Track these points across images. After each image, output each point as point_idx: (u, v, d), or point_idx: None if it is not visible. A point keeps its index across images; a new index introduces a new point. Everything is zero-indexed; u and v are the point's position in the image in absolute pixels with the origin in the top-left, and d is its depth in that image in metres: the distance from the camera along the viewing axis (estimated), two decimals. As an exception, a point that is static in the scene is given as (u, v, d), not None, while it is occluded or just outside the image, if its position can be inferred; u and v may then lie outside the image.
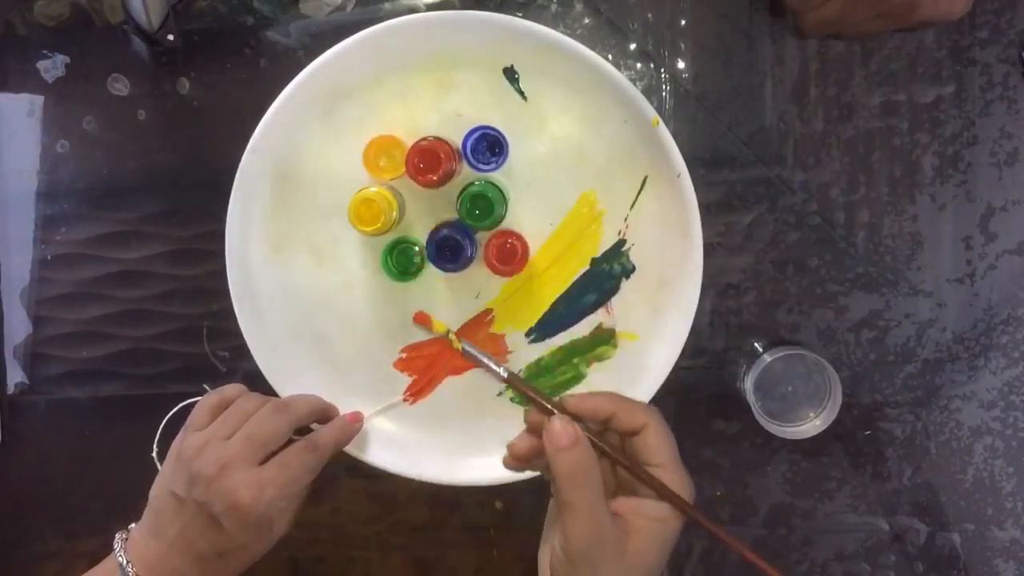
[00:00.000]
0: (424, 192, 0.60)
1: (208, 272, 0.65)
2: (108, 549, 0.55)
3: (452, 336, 0.61)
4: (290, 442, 0.57)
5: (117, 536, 0.56)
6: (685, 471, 0.48)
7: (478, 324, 0.63)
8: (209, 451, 0.54)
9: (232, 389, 0.59)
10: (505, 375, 0.58)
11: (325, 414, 0.61)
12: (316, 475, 0.57)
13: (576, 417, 0.48)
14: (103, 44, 0.65)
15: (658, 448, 0.48)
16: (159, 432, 0.65)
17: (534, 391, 0.51)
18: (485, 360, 0.59)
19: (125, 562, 0.55)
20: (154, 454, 0.65)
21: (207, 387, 0.65)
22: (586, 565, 0.46)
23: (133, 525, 0.57)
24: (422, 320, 0.62)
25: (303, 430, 0.59)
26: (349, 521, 0.65)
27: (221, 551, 0.54)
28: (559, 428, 0.47)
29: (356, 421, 0.62)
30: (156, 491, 0.57)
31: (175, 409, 0.65)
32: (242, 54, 0.64)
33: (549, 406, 0.49)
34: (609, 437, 0.50)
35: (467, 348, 0.59)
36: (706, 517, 0.47)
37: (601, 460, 0.48)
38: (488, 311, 0.63)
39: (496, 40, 0.60)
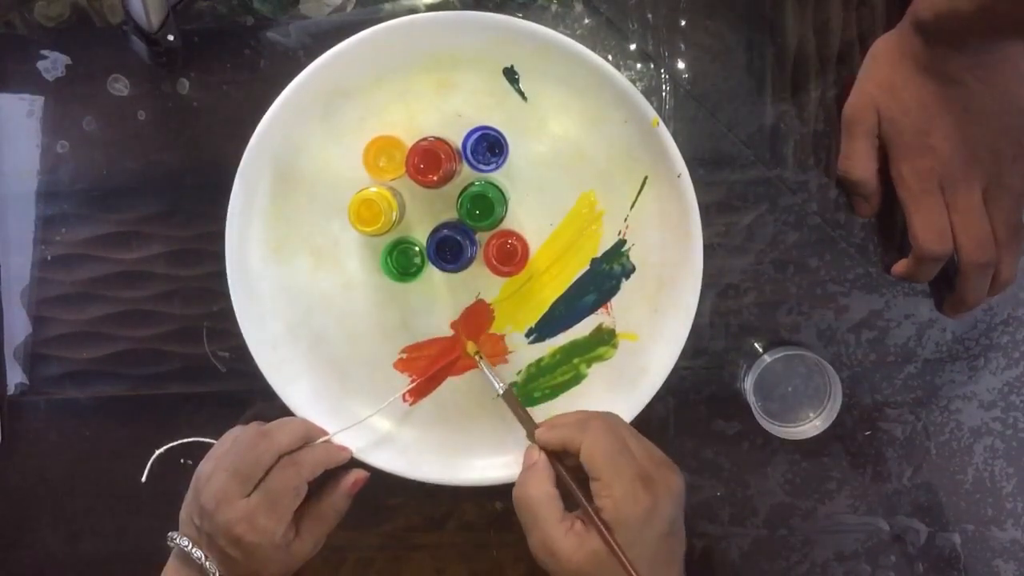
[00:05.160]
0: (424, 192, 0.60)
1: (208, 272, 0.65)
2: (108, 550, 0.55)
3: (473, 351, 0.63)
4: None
5: (178, 543, 0.58)
6: (632, 480, 0.52)
7: (477, 320, 0.63)
8: (211, 484, 0.57)
9: (250, 422, 0.62)
10: (502, 391, 0.61)
11: (311, 438, 0.61)
12: (302, 497, 0.58)
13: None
14: (103, 44, 0.64)
15: (591, 466, 0.53)
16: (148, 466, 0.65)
17: (524, 415, 0.59)
18: (491, 375, 0.61)
19: (205, 560, 0.57)
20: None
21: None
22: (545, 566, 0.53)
23: (175, 542, 0.58)
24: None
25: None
26: (347, 521, 0.65)
27: (237, 575, 0.57)
28: (527, 452, 0.57)
29: (344, 450, 0.62)
30: (183, 515, 0.59)
31: (162, 449, 0.65)
32: (242, 54, 0.64)
33: (529, 429, 0.59)
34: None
35: (483, 364, 0.62)
36: (620, 550, 0.51)
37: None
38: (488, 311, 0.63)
39: (496, 40, 0.60)
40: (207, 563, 0.57)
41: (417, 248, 0.61)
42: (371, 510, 0.66)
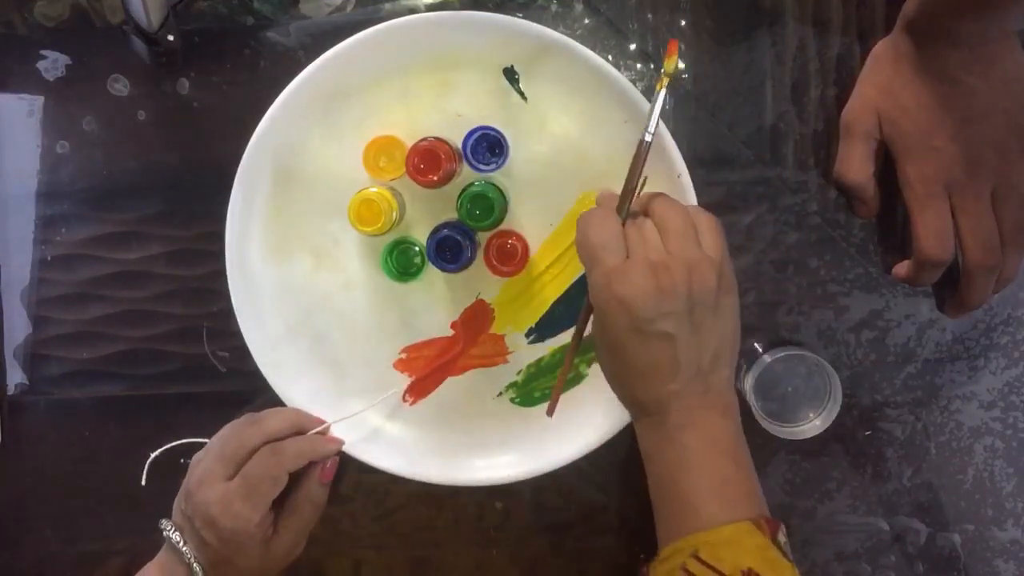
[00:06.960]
0: (424, 192, 0.60)
1: (208, 272, 0.65)
2: (108, 550, 0.55)
3: None
4: None
5: (164, 527, 0.58)
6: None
7: (478, 320, 0.63)
8: (198, 468, 0.58)
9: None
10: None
11: (303, 428, 0.61)
12: (281, 486, 0.57)
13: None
14: (103, 44, 0.64)
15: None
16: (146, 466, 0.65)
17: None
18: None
19: (182, 544, 0.57)
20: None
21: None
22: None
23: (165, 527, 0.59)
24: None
25: None
26: (348, 521, 0.65)
27: (212, 562, 0.57)
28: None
29: (333, 442, 0.61)
30: (174, 505, 0.60)
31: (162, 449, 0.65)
32: (242, 54, 0.64)
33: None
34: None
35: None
36: None
37: None
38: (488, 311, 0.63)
39: (496, 40, 0.60)
40: (184, 548, 0.56)
41: (417, 248, 0.61)
42: (371, 510, 0.66)
